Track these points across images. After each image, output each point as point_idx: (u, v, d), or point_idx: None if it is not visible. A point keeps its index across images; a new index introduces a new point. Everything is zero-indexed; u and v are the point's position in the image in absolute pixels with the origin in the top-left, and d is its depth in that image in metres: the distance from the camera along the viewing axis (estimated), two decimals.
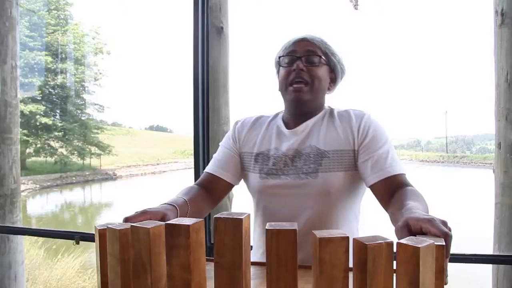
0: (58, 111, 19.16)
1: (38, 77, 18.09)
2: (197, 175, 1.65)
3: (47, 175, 17.27)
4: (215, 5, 1.75)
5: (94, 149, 19.71)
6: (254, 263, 0.76)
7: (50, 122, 17.79)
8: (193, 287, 0.54)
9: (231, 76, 1.82)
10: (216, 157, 1.12)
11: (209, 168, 1.10)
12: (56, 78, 18.34)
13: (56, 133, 18.22)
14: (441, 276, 0.49)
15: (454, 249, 0.65)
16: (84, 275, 4.37)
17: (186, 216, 0.88)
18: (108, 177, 20.01)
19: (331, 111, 1.06)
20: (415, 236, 0.55)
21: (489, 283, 1.54)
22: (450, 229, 0.57)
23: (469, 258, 1.36)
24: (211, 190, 1.06)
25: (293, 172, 1.00)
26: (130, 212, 0.75)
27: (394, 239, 0.49)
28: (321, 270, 0.48)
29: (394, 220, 0.79)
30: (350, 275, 0.49)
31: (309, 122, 1.04)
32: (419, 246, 0.44)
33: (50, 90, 18.72)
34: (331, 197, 0.98)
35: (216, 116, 1.76)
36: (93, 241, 0.66)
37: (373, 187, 0.95)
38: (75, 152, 19.33)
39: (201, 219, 0.56)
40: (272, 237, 0.51)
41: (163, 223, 0.57)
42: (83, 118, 20.16)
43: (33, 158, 18.34)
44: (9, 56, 2.09)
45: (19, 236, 2.15)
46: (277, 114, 1.12)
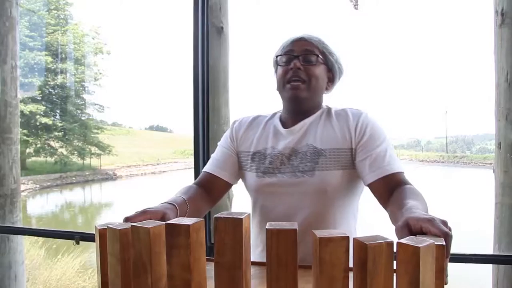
0: (58, 111, 19.16)
1: (38, 77, 18.09)
2: (197, 175, 1.64)
3: (47, 175, 17.27)
4: (215, 5, 1.76)
5: (94, 149, 19.70)
6: (254, 263, 0.76)
7: (50, 122, 17.78)
8: (193, 286, 0.54)
9: (231, 76, 1.82)
10: (214, 156, 1.12)
11: (207, 168, 1.10)
12: (56, 78, 18.34)
13: (56, 133, 18.21)
14: (441, 275, 0.49)
15: (454, 249, 0.65)
16: (84, 275, 4.37)
17: (185, 215, 0.89)
18: (108, 177, 20.00)
19: (328, 110, 1.06)
20: (415, 236, 0.55)
21: (489, 283, 1.54)
22: (450, 229, 0.57)
23: (469, 258, 1.36)
24: (209, 190, 1.06)
25: (290, 170, 1.00)
26: (130, 212, 0.75)
27: (392, 238, 0.49)
28: (321, 270, 0.48)
29: (393, 219, 0.79)
30: (350, 275, 0.49)
31: (306, 121, 1.04)
32: (419, 245, 0.44)
33: (50, 90, 18.71)
34: (328, 195, 0.98)
35: (216, 116, 1.76)
36: (93, 241, 0.66)
37: (371, 186, 0.95)
38: (75, 152, 19.32)
39: (201, 219, 0.56)
40: (272, 237, 0.51)
41: (163, 222, 0.57)
42: (83, 118, 20.16)
43: (33, 158, 18.33)
44: (9, 56, 2.09)
45: (19, 236, 2.15)
46: (274, 114, 1.13)
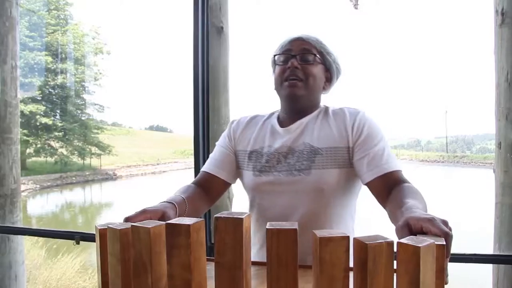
0: (58, 111, 19.16)
1: (38, 77, 18.09)
2: (197, 175, 1.65)
3: (47, 175, 17.27)
4: (215, 5, 1.76)
5: (94, 149, 19.70)
6: (254, 263, 0.76)
7: (50, 122, 17.78)
8: (193, 286, 0.54)
9: (231, 76, 1.82)
10: (212, 156, 1.13)
11: (205, 167, 1.10)
12: (56, 78, 18.33)
13: (56, 133, 18.21)
14: (441, 275, 0.49)
15: (455, 249, 0.65)
16: (85, 275, 4.37)
17: (184, 214, 0.89)
18: (108, 177, 20.00)
19: (326, 109, 1.07)
20: (416, 235, 0.55)
21: (489, 282, 1.54)
22: (450, 229, 0.57)
23: (469, 258, 1.36)
24: (208, 189, 1.06)
25: (286, 168, 1.00)
26: (130, 212, 0.75)
27: (392, 237, 0.49)
28: (322, 270, 0.48)
29: (393, 218, 0.79)
30: (351, 274, 0.49)
31: (304, 120, 1.04)
32: (419, 245, 0.44)
33: (50, 90, 18.71)
34: (325, 194, 0.98)
35: (216, 116, 1.76)
36: (93, 241, 0.66)
37: (369, 185, 0.95)
38: (75, 152, 19.33)
39: (201, 219, 0.56)
40: (273, 237, 0.51)
41: (163, 222, 0.57)
42: (83, 118, 20.16)
43: (33, 158, 18.33)
44: (9, 56, 2.09)
45: (19, 236, 2.15)
46: (272, 114, 1.13)
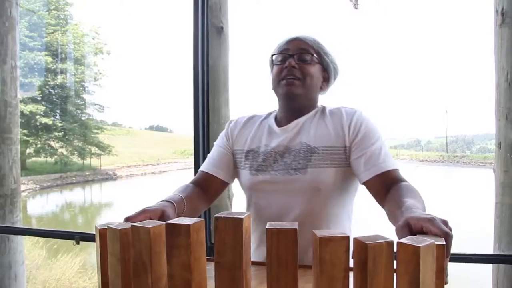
0: (58, 111, 19.15)
1: (38, 77, 18.08)
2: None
3: (47, 175, 17.26)
4: (215, 5, 1.75)
5: (94, 149, 19.69)
6: (253, 263, 0.76)
7: (50, 122, 17.77)
8: (193, 286, 0.54)
9: (231, 76, 1.82)
10: (210, 156, 1.13)
11: (203, 167, 1.11)
12: (56, 78, 18.33)
13: (56, 133, 18.20)
14: (441, 275, 0.49)
15: (455, 248, 0.65)
16: (84, 275, 4.37)
17: (182, 213, 0.89)
18: (108, 177, 19.99)
19: (323, 109, 1.07)
20: (416, 235, 0.55)
21: (489, 282, 1.54)
22: (450, 229, 0.57)
23: (469, 258, 1.36)
24: (206, 188, 1.07)
25: (282, 167, 1.00)
26: (130, 212, 0.76)
27: (390, 237, 0.48)
28: (322, 270, 0.48)
29: (392, 218, 0.80)
30: (351, 274, 0.49)
31: (300, 120, 1.04)
32: (419, 245, 0.44)
33: (50, 90, 18.70)
34: (321, 194, 0.98)
35: (216, 116, 1.76)
36: (93, 241, 0.66)
37: (367, 184, 0.95)
38: (75, 152, 19.32)
39: (201, 219, 0.56)
40: (273, 237, 0.51)
41: (163, 222, 0.57)
42: (83, 118, 20.15)
43: (33, 158, 18.32)
44: (9, 56, 2.09)
45: (19, 236, 2.15)
46: (270, 113, 1.13)
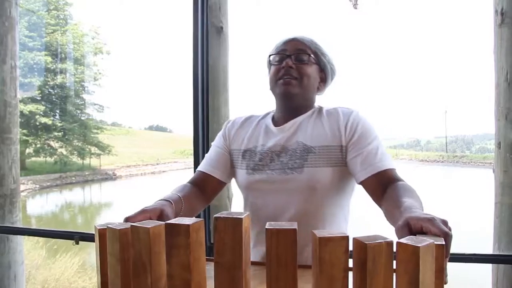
0: (57, 111, 19.14)
1: (38, 77, 18.07)
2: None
3: (47, 175, 17.25)
4: (214, 5, 1.75)
5: (93, 149, 19.68)
6: (253, 263, 0.76)
7: (50, 122, 17.76)
8: (193, 286, 0.54)
9: (230, 76, 1.82)
10: (207, 156, 1.14)
11: (201, 167, 1.12)
12: (55, 78, 18.31)
13: (56, 133, 18.18)
14: (440, 275, 0.49)
15: (454, 248, 0.65)
16: (84, 275, 4.37)
17: (180, 212, 0.90)
18: (107, 177, 19.99)
19: (320, 109, 1.08)
20: (415, 235, 0.55)
21: (489, 282, 1.54)
22: (450, 229, 0.57)
23: (469, 258, 1.36)
24: (203, 188, 1.07)
25: (279, 167, 1.00)
26: (130, 212, 0.76)
27: (389, 237, 0.49)
28: (321, 270, 0.48)
29: (390, 217, 0.80)
30: (350, 274, 0.49)
31: (297, 120, 1.05)
32: (419, 245, 0.44)
33: (49, 90, 18.69)
34: (318, 193, 0.98)
35: (216, 116, 1.76)
36: (93, 241, 0.66)
37: (364, 183, 0.95)
38: (75, 152, 19.30)
39: (201, 219, 0.56)
40: (272, 237, 0.51)
41: (163, 222, 0.57)
42: (82, 118, 20.14)
43: (33, 158, 18.31)
44: (8, 56, 2.08)
45: (18, 236, 2.15)
46: (267, 114, 1.14)
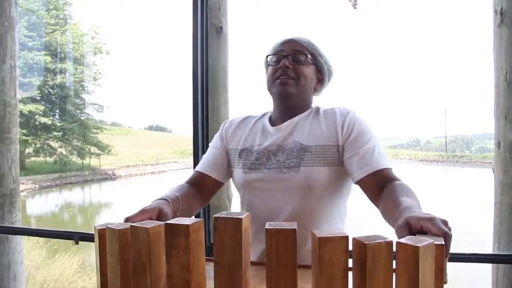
0: (57, 111, 19.11)
1: (37, 77, 18.04)
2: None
3: (47, 175, 17.23)
4: (214, 5, 1.75)
5: (93, 149, 19.65)
6: (253, 263, 0.76)
7: (50, 122, 17.73)
8: (192, 286, 0.54)
9: (230, 76, 1.82)
10: (205, 156, 1.15)
11: (198, 167, 1.12)
12: (55, 78, 18.29)
13: (56, 133, 18.16)
14: (440, 275, 0.49)
15: (454, 248, 0.65)
16: (83, 274, 4.37)
17: (177, 212, 0.90)
18: (107, 177, 19.97)
19: (317, 109, 1.08)
20: (415, 235, 0.55)
21: (489, 282, 1.54)
22: (450, 229, 0.57)
23: (468, 257, 1.36)
24: (201, 188, 1.08)
25: (275, 166, 1.01)
26: (129, 212, 0.76)
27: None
28: (321, 270, 0.48)
29: (388, 217, 0.80)
30: (350, 274, 0.49)
31: (294, 119, 1.05)
32: (418, 245, 0.44)
33: (49, 90, 18.66)
34: (314, 192, 0.98)
35: (215, 116, 1.75)
36: (93, 241, 0.66)
37: (360, 182, 0.95)
38: (75, 152, 19.28)
39: (200, 219, 0.56)
40: (272, 237, 0.51)
41: (162, 223, 0.57)
42: (82, 118, 20.10)
43: (33, 158, 18.29)
44: (8, 55, 2.08)
45: (18, 236, 2.15)
46: (264, 114, 1.15)
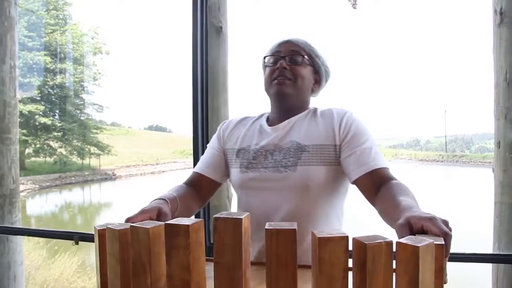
0: (57, 111, 19.10)
1: (37, 77, 18.03)
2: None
3: (46, 175, 17.23)
4: (214, 5, 1.75)
5: (93, 149, 19.65)
6: (253, 263, 0.76)
7: (49, 122, 17.73)
8: (192, 287, 0.53)
9: (230, 76, 1.82)
10: (203, 157, 1.15)
11: (196, 168, 1.13)
12: (55, 78, 18.29)
13: (55, 133, 18.15)
14: (440, 275, 0.49)
15: (454, 248, 0.65)
16: (83, 274, 4.37)
17: (176, 212, 0.91)
18: (107, 177, 19.97)
19: (314, 110, 1.09)
20: (415, 235, 0.55)
21: (489, 282, 1.54)
22: (451, 229, 0.57)
23: (468, 257, 1.36)
24: (198, 189, 1.09)
25: (272, 165, 1.01)
26: (129, 212, 0.76)
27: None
28: (321, 270, 0.48)
29: (386, 216, 0.80)
30: (350, 274, 0.49)
31: (292, 120, 1.06)
32: (418, 245, 0.44)
33: (49, 90, 18.66)
34: (311, 192, 0.98)
35: (215, 116, 1.75)
36: (92, 241, 0.66)
37: (357, 182, 0.95)
38: (75, 152, 19.28)
39: (200, 219, 0.56)
40: (272, 237, 0.51)
41: (162, 223, 0.57)
42: (82, 118, 20.09)
43: (32, 158, 18.28)
44: (7, 56, 2.08)
45: (18, 237, 2.15)
46: (262, 115, 1.15)
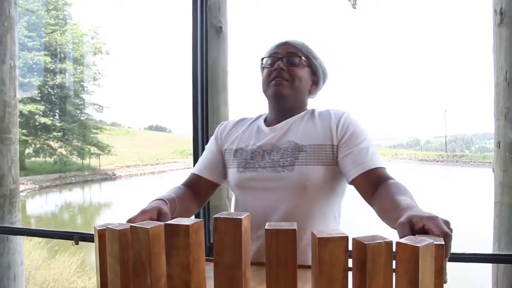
0: (57, 111, 19.11)
1: (37, 77, 18.03)
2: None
3: (46, 175, 17.23)
4: (214, 5, 1.75)
5: (93, 149, 19.65)
6: (253, 263, 0.76)
7: (49, 122, 17.73)
8: (192, 287, 0.53)
9: (230, 76, 1.82)
10: (200, 158, 1.16)
11: (194, 169, 1.13)
12: (55, 78, 18.29)
13: (55, 133, 18.15)
14: (440, 275, 0.49)
15: (454, 248, 0.65)
16: (83, 274, 4.37)
17: (174, 212, 0.91)
18: (107, 177, 19.97)
19: (312, 111, 1.09)
20: (415, 235, 0.55)
21: (489, 282, 1.54)
22: (451, 230, 0.57)
23: (468, 257, 1.36)
24: (197, 190, 1.09)
25: (270, 165, 1.01)
26: (129, 212, 0.76)
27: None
28: (321, 270, 0.48)
29: (384, 215, 0.80)
30: (350, 274, 0.49)
31: (289, 120, 1.06)
32: (418, 245, 0.45)
33: (49, 90, 18.67)
34: (308, 192, 0.98)
35: (215, 116, 1.75)
36: (92, 241, 0.66)
37: (354, 182, 0.95)
38: (75, 152, 19.28)
39: (200, 219, 0.56)
40: (272, 237, 0.51)
41: (162, 223, 0.57)
42: (82, 118, 20.10)
43: (32, 158, 18.28)
44: (7, 56, 2.08)
45: (18, 237, 2.15)
46: (259, 116, 1.16)
